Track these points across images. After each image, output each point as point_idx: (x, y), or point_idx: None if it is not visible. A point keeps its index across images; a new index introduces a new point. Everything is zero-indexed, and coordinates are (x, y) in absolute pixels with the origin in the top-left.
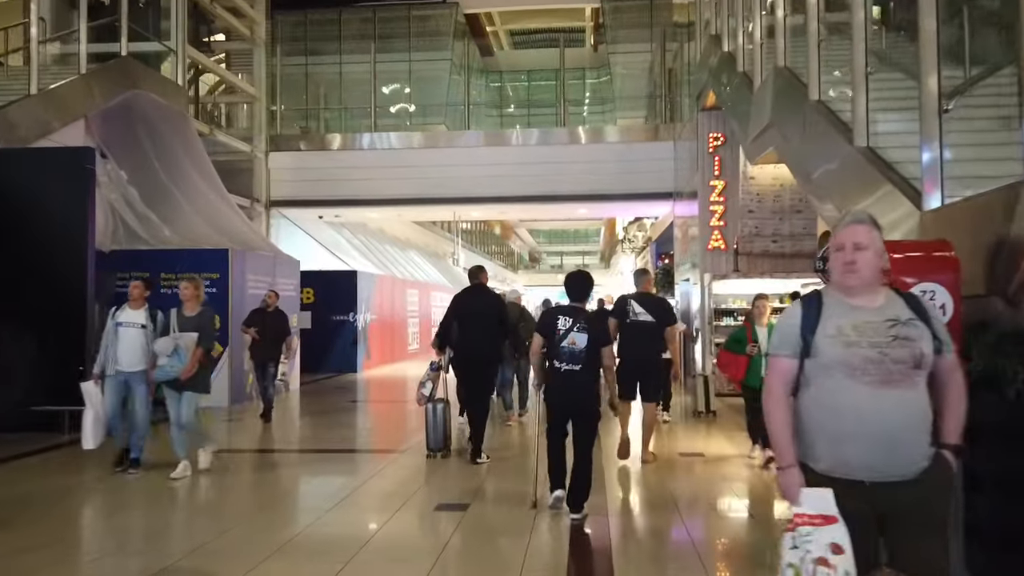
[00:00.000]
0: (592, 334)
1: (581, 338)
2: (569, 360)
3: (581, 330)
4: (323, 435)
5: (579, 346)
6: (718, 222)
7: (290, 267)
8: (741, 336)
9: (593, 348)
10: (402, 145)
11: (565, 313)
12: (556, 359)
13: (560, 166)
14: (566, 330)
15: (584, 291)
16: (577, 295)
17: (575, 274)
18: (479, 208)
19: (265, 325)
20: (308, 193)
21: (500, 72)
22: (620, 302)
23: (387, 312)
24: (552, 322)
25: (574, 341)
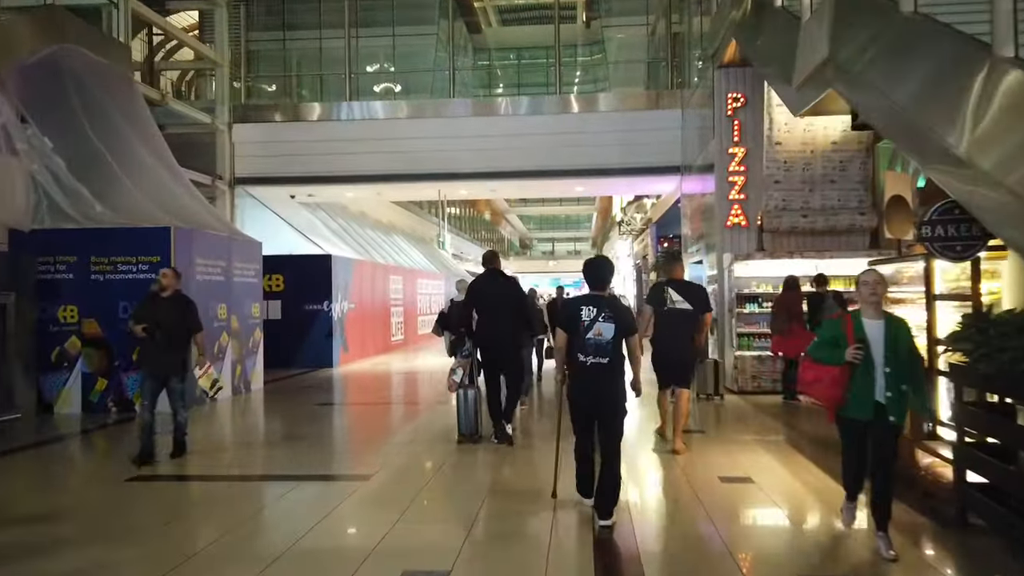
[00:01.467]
0: (619, 323)
1: (607, 328)
2: (596, 353)
3: (607, 319)
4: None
5: (606, 337)
6: (738, 195)
7: (249, 250)
8: (837, 333)
9: (620, 338)
10: (382, 115)
11: (588, 302)
12: (581, 352)
13: (554, 138)
14: (591, 320)
15: (605, 277)
16: (598, 282)
17: (595, 260)
18: (467, 185)
19: (159, 318)
20: (277, 169)
21: (489, 50)
22: (657, 289)
23: (367, 300)
24: (575, 313)
25: (600, 332)
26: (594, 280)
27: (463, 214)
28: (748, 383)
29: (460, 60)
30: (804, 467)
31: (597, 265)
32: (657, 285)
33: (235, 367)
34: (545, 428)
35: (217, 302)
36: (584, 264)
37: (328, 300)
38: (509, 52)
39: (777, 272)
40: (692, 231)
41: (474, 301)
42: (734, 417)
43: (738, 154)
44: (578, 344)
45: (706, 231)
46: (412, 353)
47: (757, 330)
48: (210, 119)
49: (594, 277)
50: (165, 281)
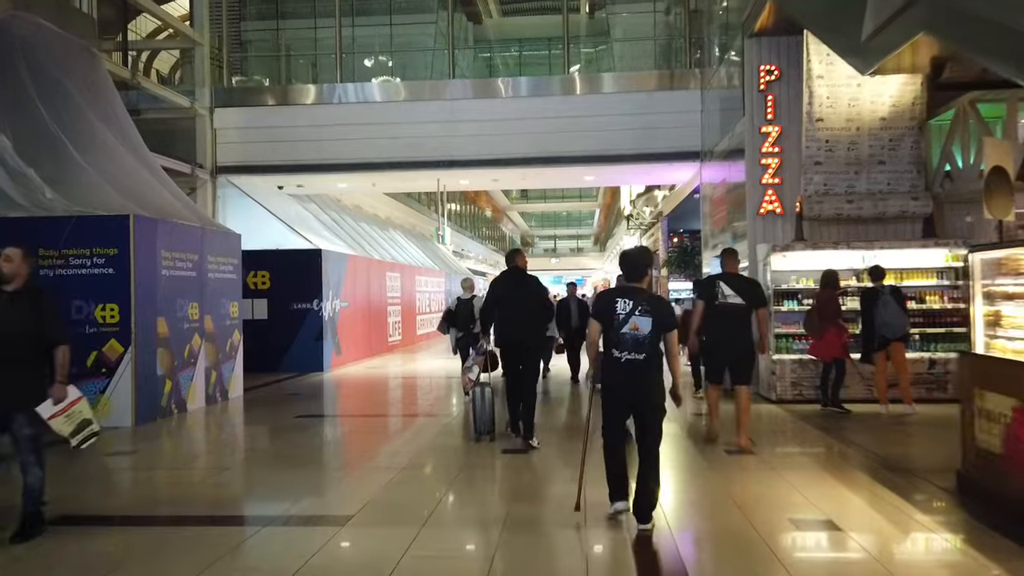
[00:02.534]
0: (657, 317)
1: (644, 322)
2: (632, 348)
3: (644, 313)
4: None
5: (643, 331)
6: (772, 179)
7: (226, 242)
8: None
9: (658, 333)
10: (376, 98)
11: (623, 295)
12: (616, 347)
13: (562, 122)
14: (626, 314)
15: (642, 268)
16: (634, 273)
17: (631, 251)
18: (467, 174)
19: None
20: (263, 157)
21: (490, 41)
22: (708, 283)
23: (361, 299)
24: (610, 306)
25: (636, 326)
26: (630, 271)
27: (464, 211)
28: (787, 391)
29: (461, 54)
30: (893, 504)
31: (633, 255)
32: (709, 279)
33: (209, 374)
34: (550, 430)
35: (187, 301)
36: (620, 255)
37: (318, 298)
38: (511, 44)
39: (819, 265)
40: (714, 223)
41: (496, 298)
42: (779, 431)
43: (772, 133)
44: (613, 339)
45: (732, 222)
46: (411, 355)
47: (796, 331)
48: (189, 103)
49: (630, 268)
50: (6, 268)
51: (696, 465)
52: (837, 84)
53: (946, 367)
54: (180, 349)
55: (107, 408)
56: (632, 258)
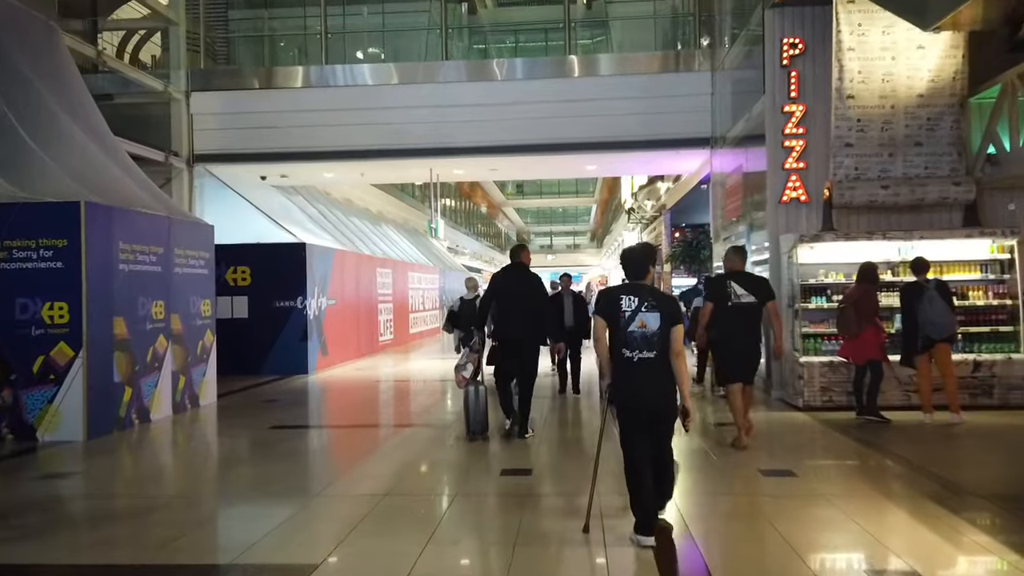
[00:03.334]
0: (664, 311)
1: (652, 318)
2: (642, 346)
3: (650, 309)
4: (166, 519)
5: (651, 328)
6: (796, 164)
7: (197, 234)
8: None
9: (667, 329)
10: (365, 82)
11: (627, 292)
12: (625, 347)
13: (562, 107)
14: (632, 311)
15: (644, 266)
16: (636, 272)
17: (634, 248)
18: (462, 163)
19: None
20: (244, 144)
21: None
22: (718, 282)
23: (350, 296)
24: (614, 303)
25: (644, 323)
26: (633, 269)
27: (459, 207)
28: (816, 397)
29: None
30: (982, 545)
31: (636, 252)
32: (719, 278)
33: (177, 379)
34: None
35: (150, 298)
36: (622, 253)
37: (303, 296)
38: (506, 35)
39: (849, 257)
40: (727, 214)
41: (494, 294)
42: (816, 446)
43: (796, 113)
44: (621, 338)
45: (749, 212)
46: (403, 355)
47: (826, 330)
48: (163, 86)
49: (633, 266)
50: None
51: (730, 490)
52: (870, 57)
53: (992, 370)
54: (142, 352)
55: (55, 420)
56: (635, 256)
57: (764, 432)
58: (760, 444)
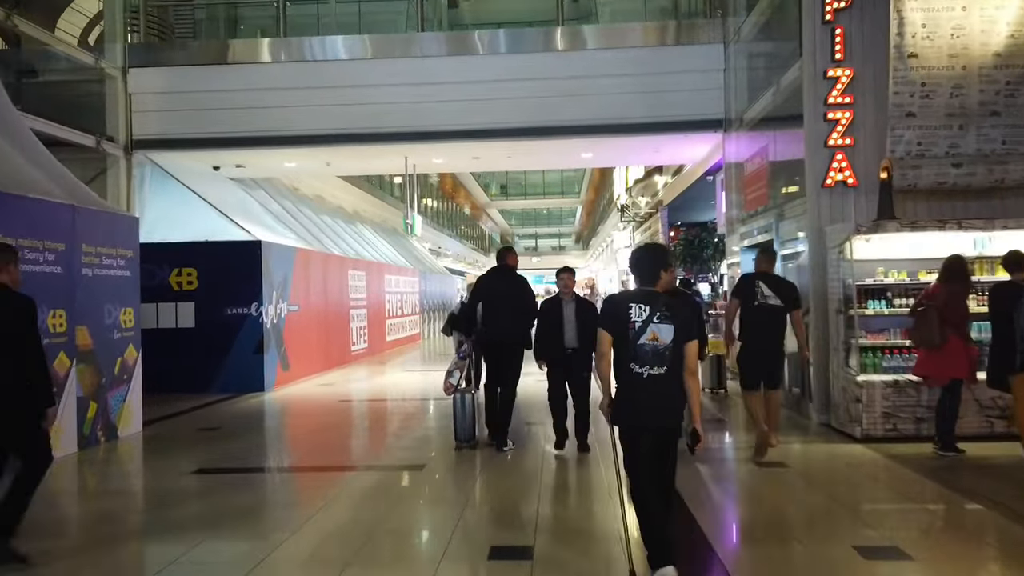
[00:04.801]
0: (679, 323)
1: (665, 330)
2: (653, 361)
3: (663, 319)
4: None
5: (664, 341)
6: (841, 140)
7: (114, 228)
8: None
9: (681, 343)
10: (330, 56)
11: (638, 299)
12: (634, 361)
13: (555, 84)
14: (643, 321)
15: (658, 269)
16: (649, 276)
17: (645, 249)
18: (443, 150)
19: None
20: (191, 128)
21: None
22: (748, 282)
23: (316, 301)
24: (622, 312)
25: (656, 335)
26: (644, 273)
27: (442, 208)
28: (878, 424)
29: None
30: None
31: (647, 254)
32: (748, 277)
33: (85, 406)
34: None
35: (46, 307)
36: (632, 253)
37: (258, 301)
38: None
39: (911, 252)
40: (747, 204)
41: (480, 296)
42: (907, 499)
43: (842, 78)
44: (629, 352)
45: (777, 201)
46: (379, 366)
47: (886, 342)
48: (94, 60)
49: (644, 269)
50: None
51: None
52: (935, 8)
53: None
54: None
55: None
56: (647, 257)
57: (828, 475)
58: (834, 496)
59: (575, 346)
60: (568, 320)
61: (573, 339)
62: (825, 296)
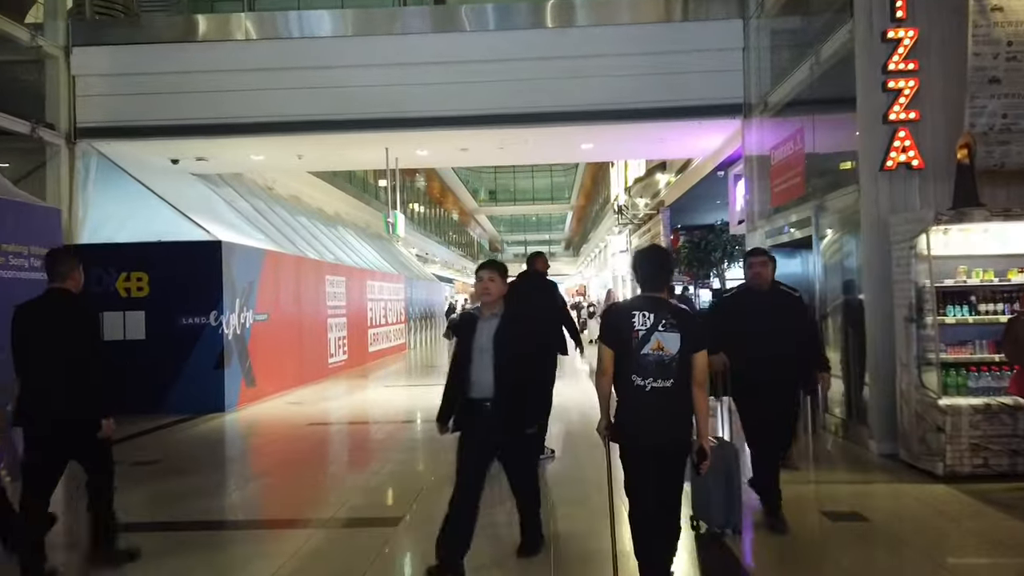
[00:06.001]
0: (685, 332)
1: (671, 339)
2: (657, 373)
3: (669, 328)
4: None
5: (670, 351)
6: (905, 113)
7: (25, 221)
8: None
9: (688, 353)
10: (300, 33)
11: (641, 307)
12: (636, 373)
13: (552, 66)
14: (647, 330)
15: (664, 274)
16: (654, 280)
17: (648, 252)
18: (427, 139)
19: None
20: (143, 115)
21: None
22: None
23: (289, 309)
24: (624, 321)
25: (661, 345)
26: (648, 277)
27: (430, 213)
28: (965, 459)
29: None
30: None
31: (650, 257)
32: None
33: None
34: None
35: None
36: (635, 256)
37: (217, 310)
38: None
39: (993, 247)
40: (775, 197)
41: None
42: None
43: (904, 40)
44: (631, 364)
45: (814, 193)
46: (359, 381)
47: (971, 356)
48: (30, 36)
49: (648, 273)
50: None
51: None
52: None
53: None
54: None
55: None
56: (651, 260)
57: (921, 532)
58: (942, 566)
59: (490, 396)
60: (481, 350)
61: (488, 384)
62: (887, 301)
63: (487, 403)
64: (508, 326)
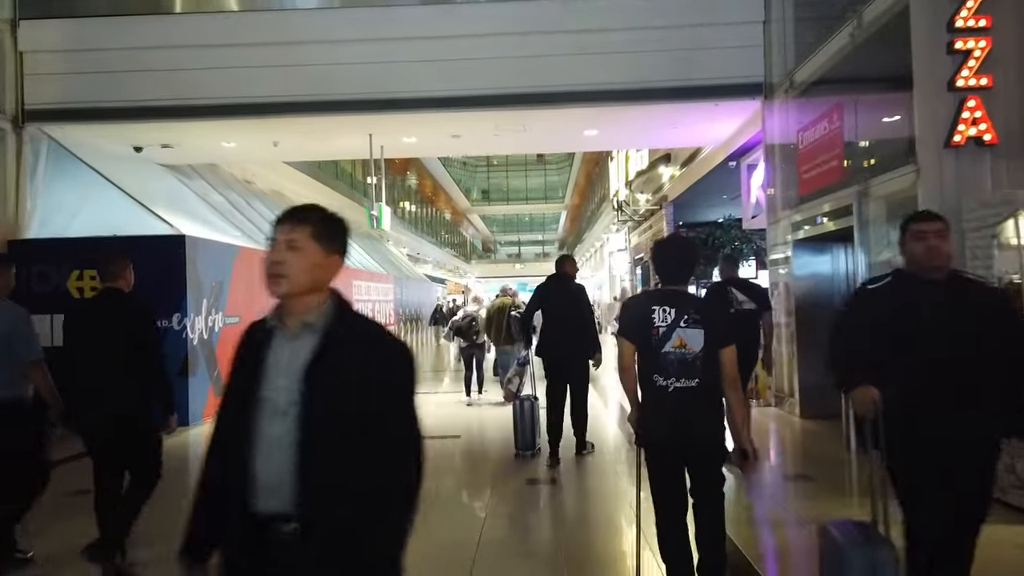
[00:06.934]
0: (710, 328)
1: (694, 335)
2: (679, 372)
3: (692, 323)
4: None
5: (693, 348)
6: (975, 79)
7: None
8: None
9: (713, 350)
10: (276, 5)
11: (663, 301)
12: (657, 372)
13: (552, 41)
14: (669, 326)
15: (688, 266)
16: (677, 273)
17: (671, 242)
18: (415, 123)
19: None
20: (100, 95)
21: None
22: (719, 289)
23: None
24: (644, 316)
25: (683, 342)
26: (670, 270)
27: (422, 213)
28: None
29: None
30: None
31: (673, 248)
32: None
33: None
34: None
35: None
36: (655, 246)
37: (181, 312)
38: None
39: None
40: (801, 186)
41: (538, 306)
42: None
43: None
44: (652, 361)
45: (856, 178)
46: None
47: None
48: None
49: (670, 265)
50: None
51: None
52: None
53: None
54: None
55: None
56: (672, 253)
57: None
58: None
59: (292, 511)
60: (273, 406)
61: (286, 484)
62: None
63: (287, 526)
64: (338, 353)
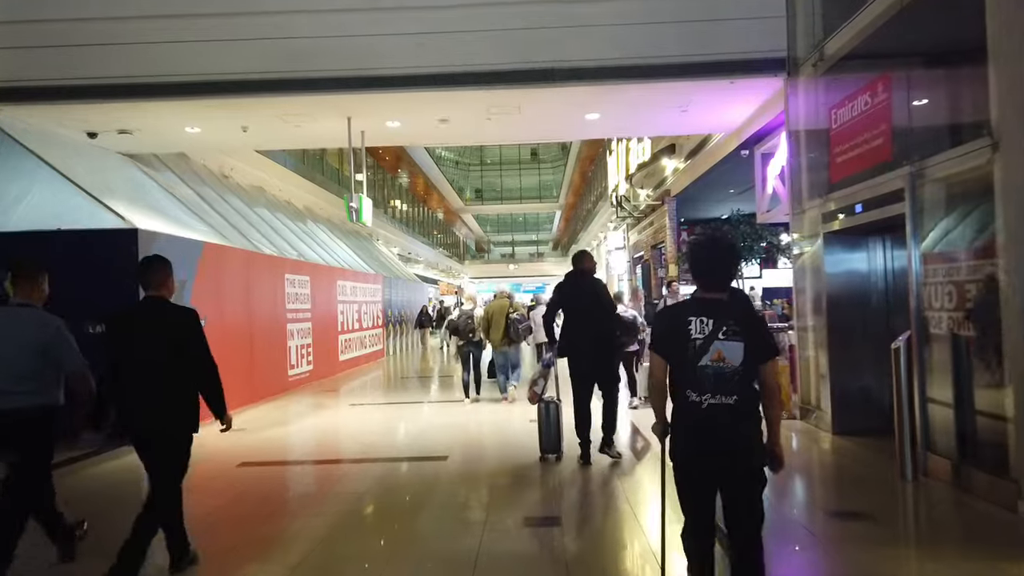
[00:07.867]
0: (750, 341)
1: (734, 349)
2: (716, 388)
3: (731, 336)
4: None
5: (732, 363)
6: None
7: None
8: None
9: (753, 365)
10: None
11: (699, 311)
12: (692, 388)
13: (551, 11)
14: (705, 338)
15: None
16: (715, 278)
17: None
18: (398, 104)
19: None
20: (42, 72)
21: None
22: None
23: (235, 314)
24: (679, 326)
25: (721, 355)
26: (709, 274)
27: (414, 213)
28: None
29: None
30: None
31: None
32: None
33: None
34: None
35: None
36: (691, 247)
37: None
38: None
39: None
40: (833, 171)
41: (560, 304)
42: None
43: None
44: (686, 376)
45: (905, 155)
46: (327, 396)
47: None
48: None
49: (708, 268)
50: None
51: None
52: None
53: None
54: None
55: None
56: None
57: None
58: None
59: None
60: None
61: None
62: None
63: None
64: None
